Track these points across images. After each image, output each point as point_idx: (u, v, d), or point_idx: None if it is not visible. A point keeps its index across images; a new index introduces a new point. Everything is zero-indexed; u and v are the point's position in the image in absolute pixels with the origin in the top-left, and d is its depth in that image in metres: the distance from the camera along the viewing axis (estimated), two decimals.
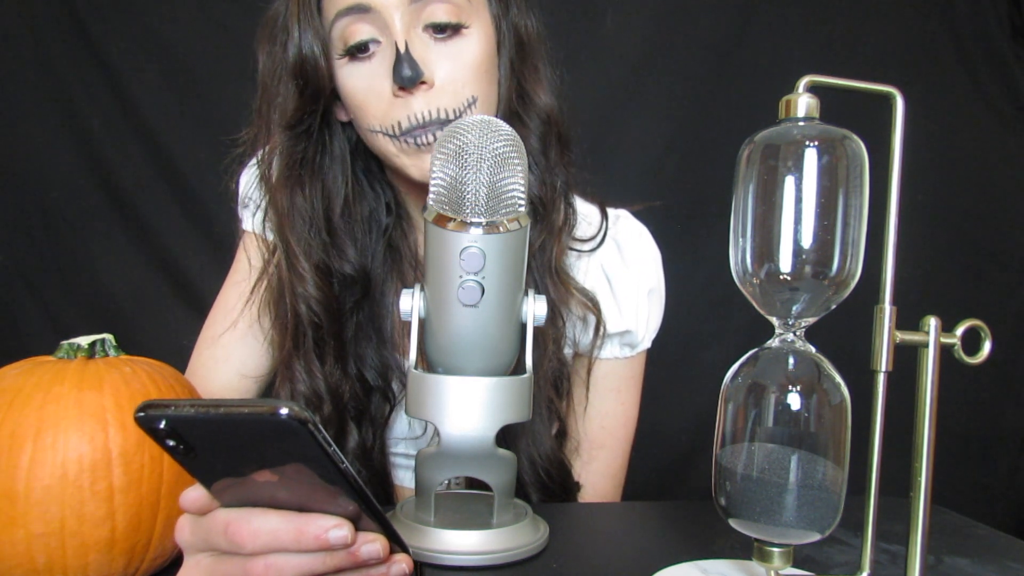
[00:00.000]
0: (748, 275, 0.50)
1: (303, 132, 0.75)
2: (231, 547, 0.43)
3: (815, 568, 0.60)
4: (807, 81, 0.49)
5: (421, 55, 0.70)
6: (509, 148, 0.56)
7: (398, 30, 0.69)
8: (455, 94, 0.71)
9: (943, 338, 0.50)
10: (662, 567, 0.58)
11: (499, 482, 0.62)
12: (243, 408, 0.38)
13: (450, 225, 0.56)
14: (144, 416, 0.39)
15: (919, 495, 0.50)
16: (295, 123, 0.74)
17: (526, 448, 0.79)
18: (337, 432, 0.78)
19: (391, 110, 0.71)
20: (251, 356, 0.83)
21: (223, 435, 0.40)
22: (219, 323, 0.84)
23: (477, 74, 0.73)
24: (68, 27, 1.54)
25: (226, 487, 0.43)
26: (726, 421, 0.51)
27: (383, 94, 0.71)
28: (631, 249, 0.87)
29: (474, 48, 0.73)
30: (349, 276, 0.78)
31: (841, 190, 0.48)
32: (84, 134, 1.56)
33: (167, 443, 0.40)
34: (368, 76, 0.72)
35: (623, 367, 0.88)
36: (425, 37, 0.71)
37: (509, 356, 0.63)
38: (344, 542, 0.43)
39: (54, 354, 0.55)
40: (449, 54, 0.72)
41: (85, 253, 1.58)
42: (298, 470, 0.40)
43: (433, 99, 0.70)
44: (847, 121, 0.48)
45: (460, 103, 0.72)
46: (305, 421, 0.37)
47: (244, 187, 0.85)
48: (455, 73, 0.71)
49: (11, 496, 0.47)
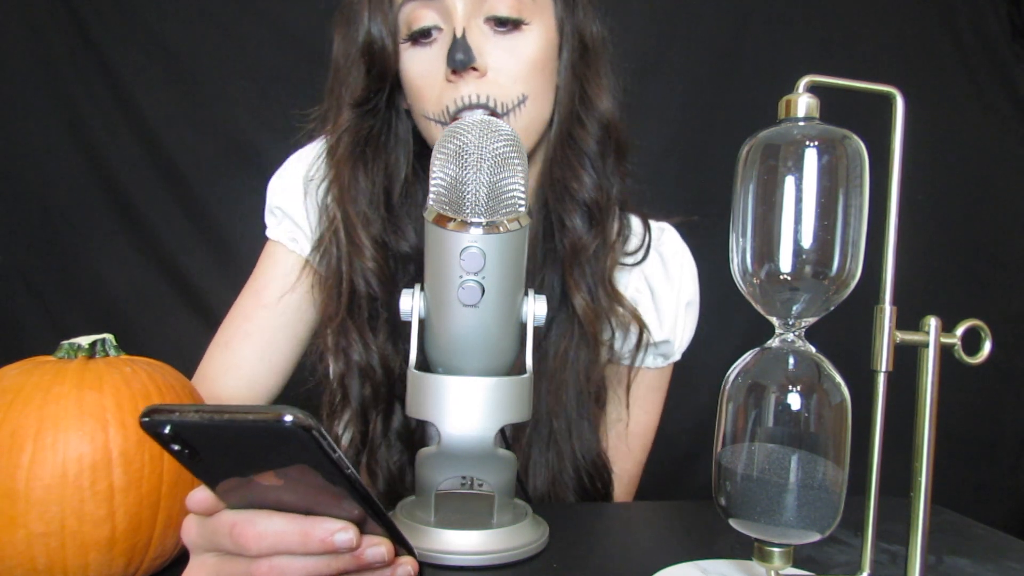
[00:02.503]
0: (748, 275, 0.50)
1: (369, 111, 0.77)
2: (236, 548, 0.43)
3: (815, 568, 0.60)
4: (807, 81, 0.49)
5: (477, 43, 0.71)
6: (509, 148, 0.56)
7: (458, 17, 0.71)
8: (506, 87, 0.72)
9: (943, 338, 0.50)
10: (662, 567, 0.58)
11: (499, 482, 0.62)
12: (248, 415, 0.38)
13: (450, 225, 0.56)
14: (149, 421, 0.40)
15: (919, 495, 0.50)
16: (362, 101, 0.76)
17: (570, 451, 0.79)
18: (386, 410, 0.79)
19: (443, 95, 0.72)
20: (262, 368, 0.82)
21: (228, 440, 0.40)
22: (233, 329, 0.83)
23: (531, 72, 0.74)
24: (68, 27, 1.54)
25: (231, 489, 0.43)
26: (726, 421, 0.51)
27: (437, 79, 0.73)
28: (674, 263, 0.89)
29: (532, 46, 0.74)
30: (405, 254, 0.79)
31: (841, 190, 0.48)
32: (84, 134, 1.56)
33: (172, 447, 0.41)
34: (427, 61, 0.74)
35: (653, 377, 0.90)
36: (485, 28, 0.73)
37: (509, 356, 0.63)
38: (349, 545, 0.43)
39: (54, 354, 0.55)
40: (506, 47, 0.73)
41: (85, 253, 1.58)
42: (303, 473, 0.40)
43: (483, 86, 0.71)
44: (847, 121, 0.48)
45: (510, 97, 0.73)
46: (309, 428, 0.37)
47: (272, 196, 0.85)
48: (508, 66, 0.73)
49: (11, 496, 0.47)
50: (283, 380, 0.83)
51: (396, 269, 0.79)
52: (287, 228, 0.83)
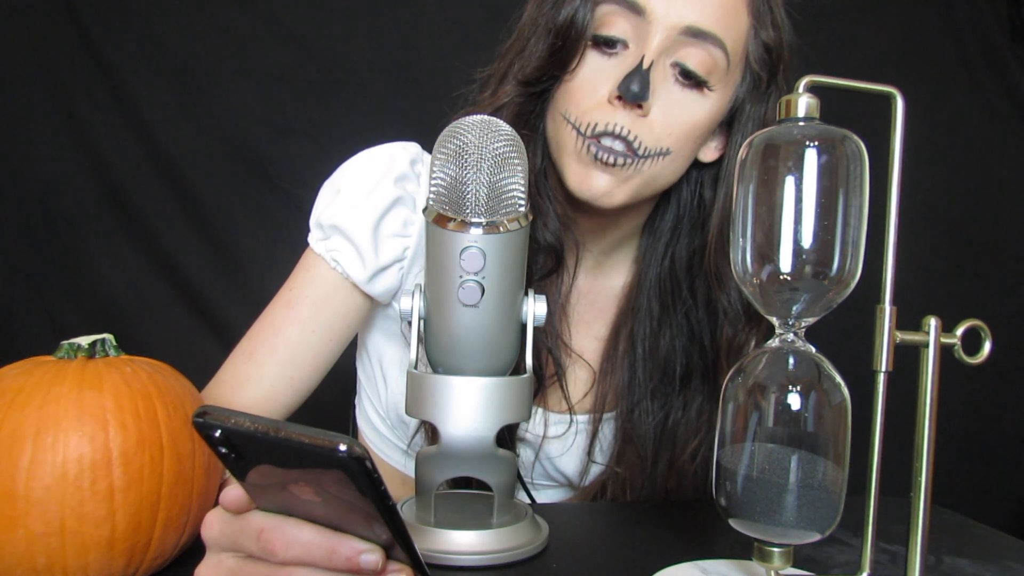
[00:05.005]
0: (748, 275, 0.50)
1: (535, 94, 0.74)
2: (262, 553, 0.43)
3: (815, 568, 0.60)
4: (807, 81, 0.49)
5: (656, 83, 0.69)
6: (509, 148, 0.56)
7: (652, 47, 0.68)
8: (658, 135, 0.70)
9: (943, 338, 0.50)
10: (662, 567, 0.58)
11: (499, 482, 0.62)
12: (303, 437, 0.38)
13: (450, 225, 0.56)
14: (202, 423, 0.40)
15: (919, 495, 0.50)
16: (532, 81, 0.74)
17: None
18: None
19: (596, 110, 0.70)
20: (284, 384, 0.78)
21: (276, 454, 0.40)
22: (260, 340, 0.78)
23: (688, 134, 0.72)
24: (69, 28, 1.54)
25: (265, 492, 0.44)
26: (726, 421, 0.51)
27: (599, 93, 0.70)
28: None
29: (702, 112, 0.71)
30: (548, 245, 0.77)
31: (841, 190, 0.48)
32: (84, 134, 1.56)
33: (219, 449, 0.41)
34: (599, 71, 0.71)
35: None
36: (669, 71, 0.70)
37: (509, 356, 0.63)
38: (374, 567, 0.43)
39: (54, 354, 0.55)
40: (679, 100, 0.70)
41: (85, 253, 1.58)
42: (342, 493, 0.41)
43: (637, 126, 0.69)
44: (847, 121, 0.48)
45: (655, 146, 0.70)
46: (362, 459, 0.38)
47: (326, 211, 0.77)
48: (672, 119, 0.70)
49: (11, 496, 0.47)
50: (303, 397, 0.80)
51: (533, 258, 0.75)
52: (334, 245, 0.76)
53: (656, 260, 0.83)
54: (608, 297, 0.86)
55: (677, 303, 0.82)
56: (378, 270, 0.76)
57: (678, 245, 0.82)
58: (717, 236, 0.77)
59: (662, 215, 0.83)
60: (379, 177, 0.77)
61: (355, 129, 1.58)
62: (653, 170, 0.72)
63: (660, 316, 0.82)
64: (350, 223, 0.75)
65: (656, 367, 0.82)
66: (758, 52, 0.73)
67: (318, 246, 0.78)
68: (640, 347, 0.82)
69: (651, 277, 0.83)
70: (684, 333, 0.82)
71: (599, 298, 0.86)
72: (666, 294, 0.82)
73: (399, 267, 0.78)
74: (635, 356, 0.82)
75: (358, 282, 0.76)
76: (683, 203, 0.82)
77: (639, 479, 0.82)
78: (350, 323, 0.80)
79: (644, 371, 0.82)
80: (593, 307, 0.85)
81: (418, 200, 0.78)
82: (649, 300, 0.83)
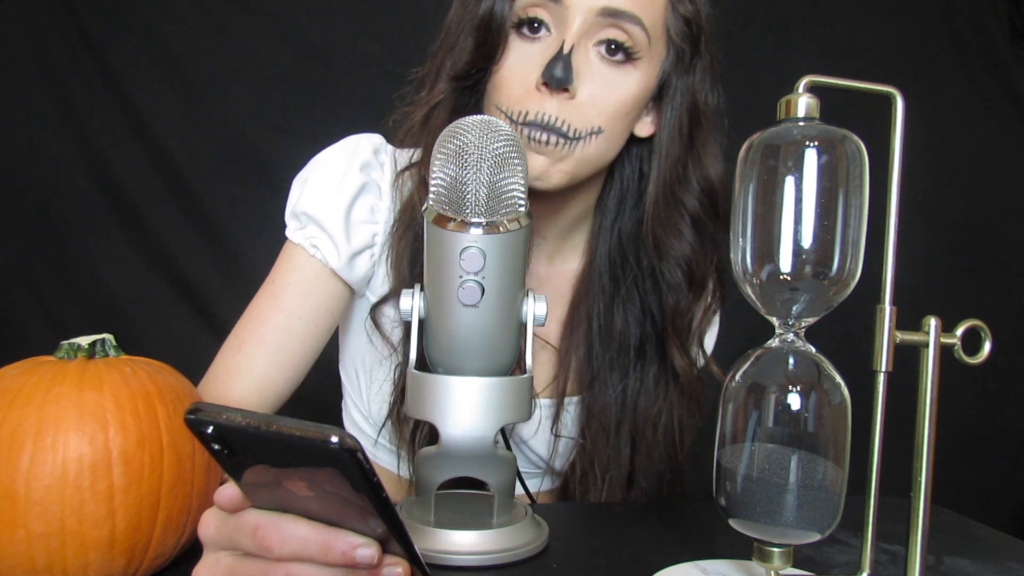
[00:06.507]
0: (748, 275, 0.50)
1: (468, 87, 0.76)
2: (257, 550, 0.43)
3: (815, 568, 0.60)
4: (807, 81, 0.49)
5: (579, 67, 0.70)
6: (509, 148, 0.56)
7: (572, 31, 0.70)
8: (587, 116, 0.72)
9: (943, 338, 0.50)
10: (662, 567, 0.58)
11: (499, 482, 0.62)
12: (295, 431, 0.38)
13: (450, 225, 0.56)
14: (194, 419, 0.40)
15: (919, 495, 0.50)
16: (463, 75, 0.75)
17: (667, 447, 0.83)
18: None
19: (525, 98, 0.71)
20: (274, 373, 0.79)
21: (269, 448, 0.40)
22: (248, 332, 0.80)
23: (617, 111, 0.73)
24: (69, 28, 1.54)
25: (260, 489, 0.44)
26: (726, 421, 0.51)
27: (526, 81, 0.72)
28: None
29: (631, 88, 0.73)
30: None
31: (841, 190, 0.48)
32: (84, 135, 1.56)
33: (212, 446, 0.41)
34: (525, 58, 0.72)
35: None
36: (593, 52, 0.72)
37: (509, 356, 0.63)
38: (370, 561, 0.43)
39: (54, 354, 0.55)
40: (606, 79, 0.72)
41: (85, 253, 1.58)
42: (335, 487, 0.41)
43: (565, 109, 0.71)
44: (847, 121, 0.48)
45: (586, 126, 0.72)
46: (354, 451, 0.38)
47: (299, 200, 0.80)
48: (600, 99, 0.72)
49: (11, 496, 0.47)
50: (294, 386, 0.81)
51: None
52: (311, 233, 0.79)
53: (605, 237, 0.85)
54: (567, 281, 0.88)
55: (627, 277, 0.84)
56: (352, 255, 0.79)
57: (624, 220, 0.85)
58: (654, 207, 0.79)
59: (608, 193, 0.85)
60: (345, 167, 0.80)
61: (355, 129, 1.57)
62: (587, 149, 0.73)
63: (612, 291, 0.85)
64: (322, 211, 0.78)
65: (612, 340, 0.84)
66: (678, 26, 0.76)
67: (296, 236, 0.80)
68: (596, 322, 0.85)
69: (601, 254, 0.85)
70: (636, 305, 0.84)
71: (559, 283, 0.88)
72: (616, 268, 0.85)
73: (370, 254, 0.80)
74: (591, 332, 0.85)
75: (336, 268, 0.79)
76: (625, 179, 0.85)
77: (604, 452, 0.84)
78: (332, 311, 0.81)
79: (601, 345, 0.84)
80: (553, 293, 0.87)
81: (383, 187, 0.81)
82: (601, 276, 0.85)
